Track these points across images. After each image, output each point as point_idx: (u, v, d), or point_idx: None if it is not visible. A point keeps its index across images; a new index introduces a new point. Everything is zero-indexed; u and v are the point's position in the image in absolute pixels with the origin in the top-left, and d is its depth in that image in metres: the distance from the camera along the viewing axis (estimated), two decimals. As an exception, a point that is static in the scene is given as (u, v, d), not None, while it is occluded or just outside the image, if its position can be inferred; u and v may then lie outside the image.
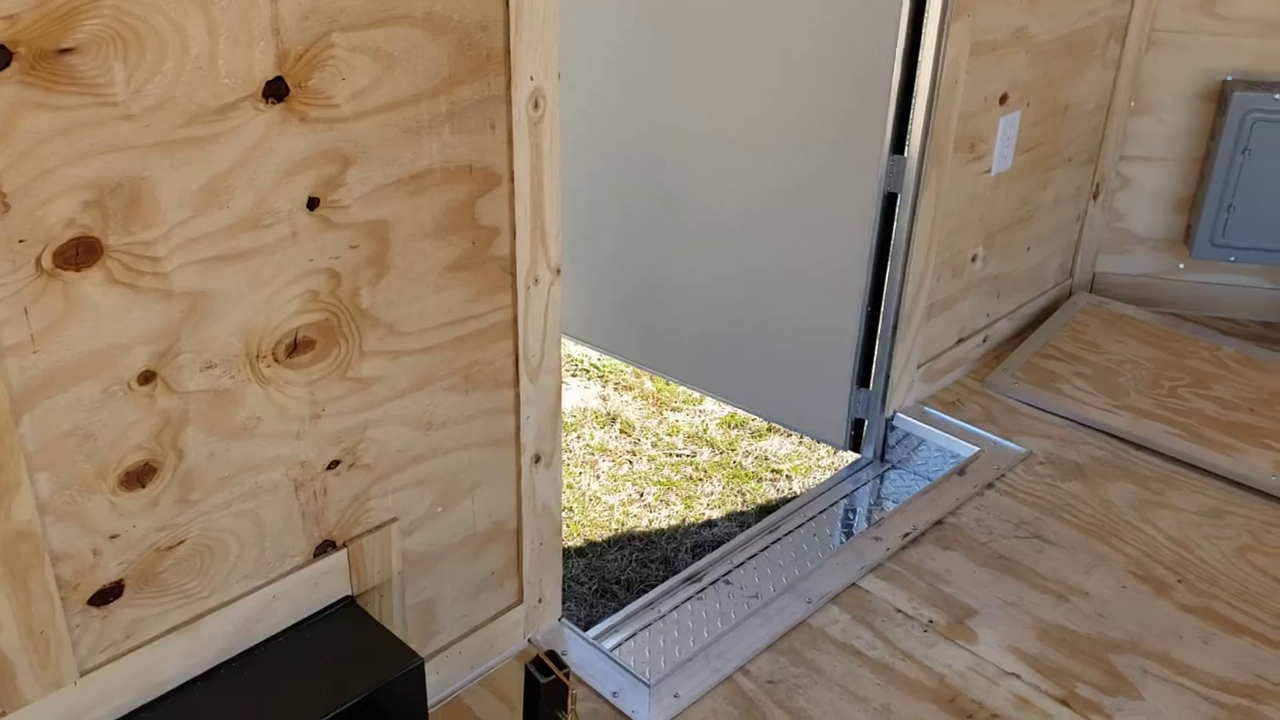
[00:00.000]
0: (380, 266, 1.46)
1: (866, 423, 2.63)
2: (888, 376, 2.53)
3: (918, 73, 2.25)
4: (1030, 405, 2.61)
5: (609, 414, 3.32)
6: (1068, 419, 2.56)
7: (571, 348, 3.52)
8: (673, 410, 3.36)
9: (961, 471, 2.41)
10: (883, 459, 2.65)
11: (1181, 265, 2.97)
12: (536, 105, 1.56)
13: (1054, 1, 2.44)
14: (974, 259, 2.60)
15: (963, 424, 2.56)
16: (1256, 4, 2.68)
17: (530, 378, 1.71)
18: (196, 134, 1.22)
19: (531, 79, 1.53)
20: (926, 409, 2.62)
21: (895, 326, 2.47)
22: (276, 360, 1.39)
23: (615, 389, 3.46)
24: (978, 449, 2.49)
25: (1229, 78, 2.75)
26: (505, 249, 1.61)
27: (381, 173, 1.42)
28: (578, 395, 3.41)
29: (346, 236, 1.41)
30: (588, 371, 3.54)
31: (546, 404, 1.76)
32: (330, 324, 1.43)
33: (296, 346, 1.41)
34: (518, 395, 1.71)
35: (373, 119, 1.38)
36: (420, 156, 1.45)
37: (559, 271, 1.69)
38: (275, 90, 1.27)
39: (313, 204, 1.36)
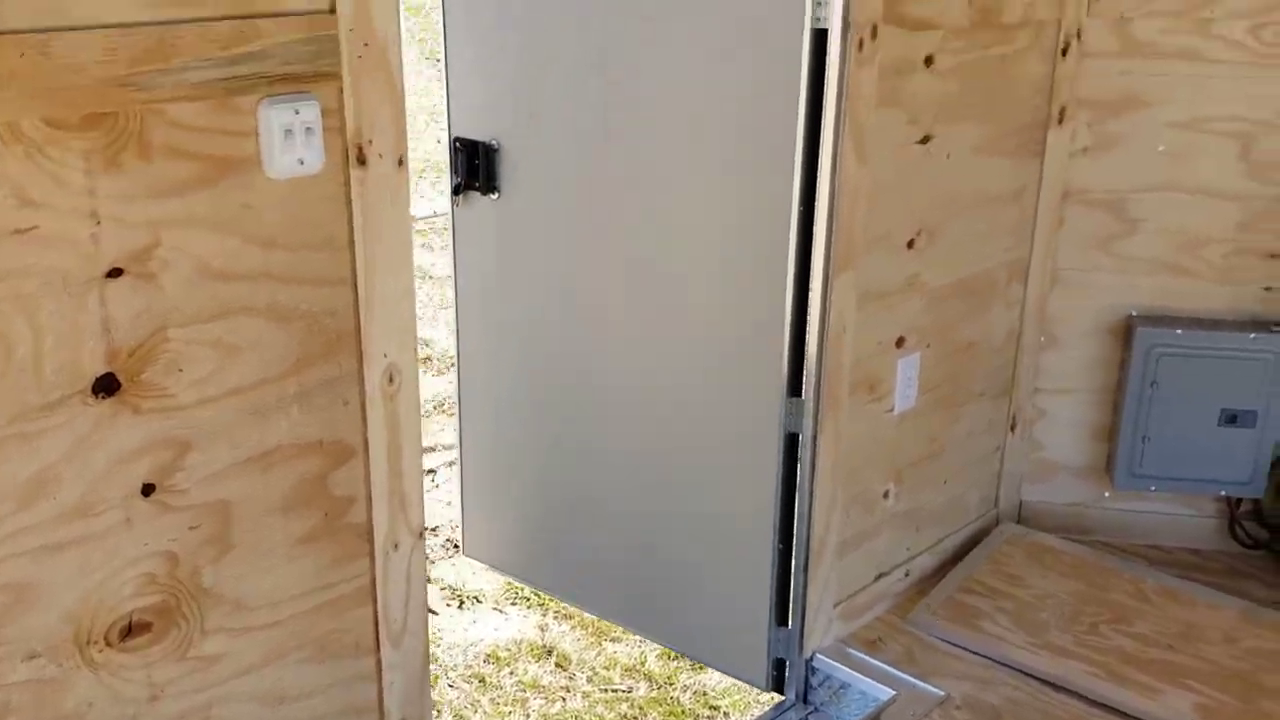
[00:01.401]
0: (223, 545, 1.48)
1: (787, 663, 2.60)
2: (804, 616, 2.51)
3: (808, 322, 2.32)
4: (951, 644, 2.58)
5: (545, 646, 3.28)
6: (988, 658, 2.53)
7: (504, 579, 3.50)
8: (612, 640, 3.31)
9: (877, 718, 2.36)
10: (805, 700, 2.61)
11: (1107, 494, 2.98)
12: (392, 380, 1.61)
13: (947, 250, 2.54)
14: (885, 495, 2.61)
15: (882, 665, 2.53)
16: (1152, 244, 2.78)
17: (393, 643, 1.71)
18: (22, 430, 1.27)
19: (385, 356, 1.59)
20: (848, 649, 2.59)
21: (806, 565, 2.47)
22: (109, 644, 1.40)
23: (555, 618, 3.43)
24: (894, 693, 2.44)
25: (1133, 313, 2.83)
26: (362, 516, 1.64)
27: (225, 455, 1.46)
28: (515, 626, 3.37)
29: (186, 518, 1.44)
30: (528, 599, 3.51)
31: (412, 668, 1.75)
32: (169, 605, 1.44)
33: (131, 629, 1.42)
34: (379, 662, 1.71)
35: (215, 405, 1.43)
36: (267, 437, 1.49)
37: (422, 535, 1.71)
38: (106, 385, 1.32)
39: (148, 490, 1.40)
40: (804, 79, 2.18)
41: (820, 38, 2.17)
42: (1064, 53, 2.63)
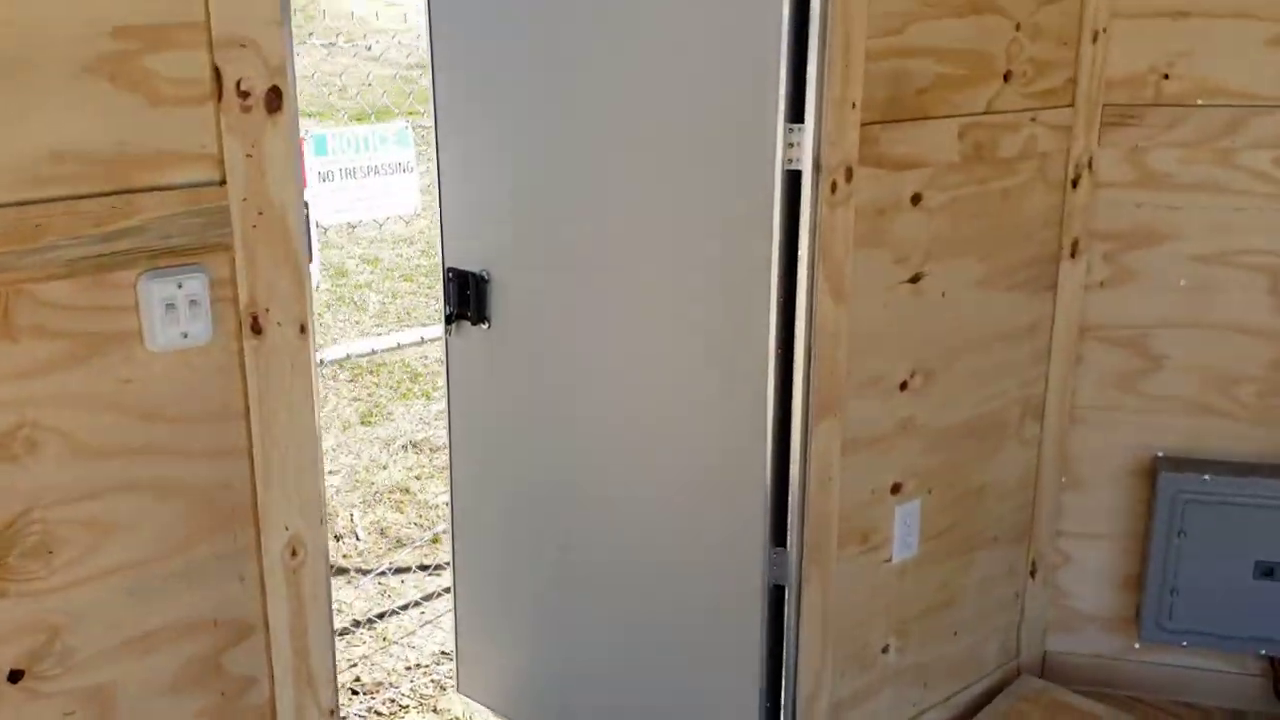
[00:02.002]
0: (101, 731, 1.42)
1: (780, 828, 2.43)
2: (794, 779, 2.36)
3: (790, 469, 2.21)
4: (955, 812, 2.40)
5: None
6: (994, 831, 2.34)
7: None
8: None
9: None
10: None
11: (1137, 645, 2.78)
12: (295, 553, 1.54)
13: (947, 390, 2.41)
14: (885, 650, 2.46)
15: (878, 834, 2.35)
16: (1178, 382, 2.61)
17: (301, 828, 1.62)
18: None
19: (287, 529, 1.53)
20: (844, 813, 2.42)
21: (795, 726, 2.32)
22: (-33, 840, 1.33)
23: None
24: None
25: (1159, 454, 2.65)
26: (264, 696, 1.56)
27: (103, 637, 1.39)
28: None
29: (60, 704, 1.38)
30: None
31: None
32: (36, 796, 1.38)
33: (-7, 823, 1.35)
34: None
35: (90, 586, 1.37)
36: (150, 617, 1.43)
37: (334, 713, 1.63)
38: (-37, 572, 1.27)
39: (16, 676, 1.34)
40: (777, 221, 2.09)
41: (795, 179, 2.09)
42: (1074, 184, 2.51)
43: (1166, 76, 2.46)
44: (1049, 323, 2.59)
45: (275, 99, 1.39)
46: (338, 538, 4.66)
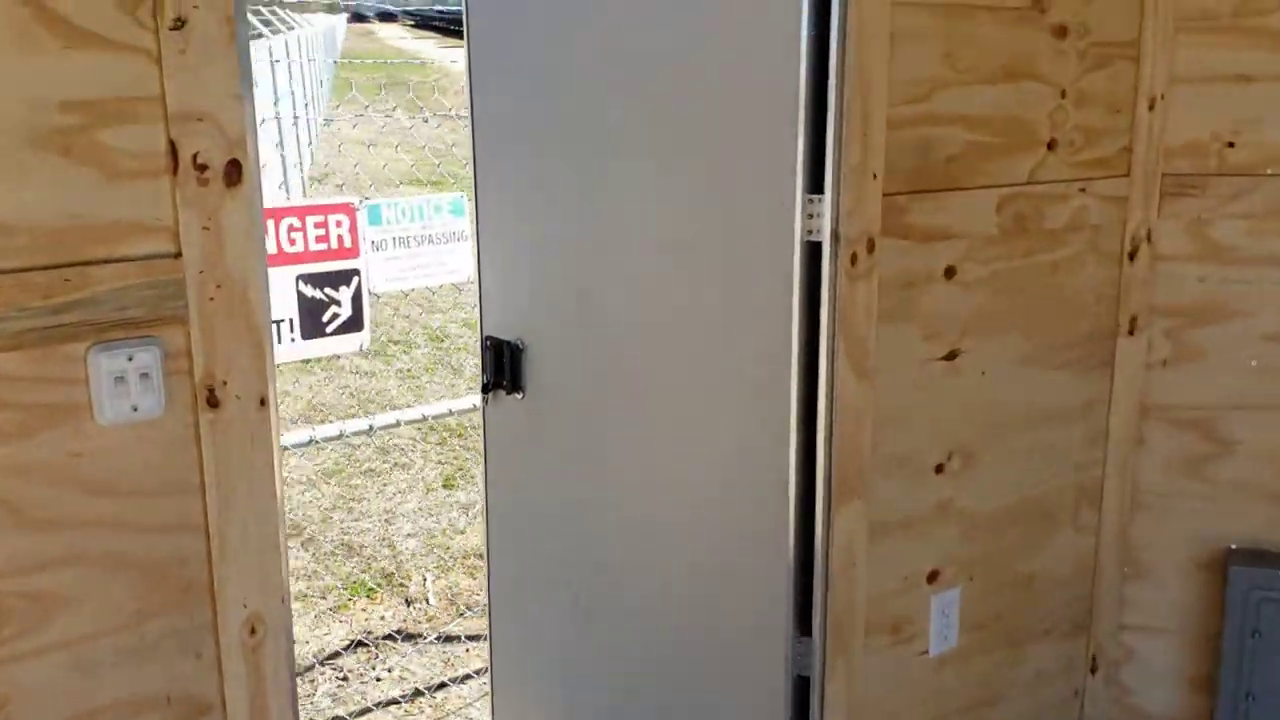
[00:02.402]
0: (45, 808, 1.39)
1: None
2: None
3: (814, 554, 2.11)
4: None
5: None
6: None
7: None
8: None
9: None
10: None
11: (1212, 753, 2.57)
12: (254, 631, 1.51)
13: (990, 473, 2.28)
14: (923, 748, 2.32)
15: None
16: (1251, 469, 2.43)
17: None
18: None
19: (245, 606, 1.50)
20: None
21: (820, 826, 2.19)
22: None
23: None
24: None
25: (1232, 546, 2.46)
26: (222, 777, 1.52)
27: (50, 711, 1.38)
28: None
29: (1, 779, 1.36)
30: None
31: None
32: None
33: None
34: None
35: (34, 660, 1.36)
36: (100, 690, 1.41)
37: (299, 797, 1.58)
38: (-101, 643, 1.27)
39: (-46, 749, 1.33)
40: (796, 294, 2.02)
41: (816, 251, 2.01)
42: (1132, 257, 2.37)
43: (1231, 144, 2.31)
44: (1105, 403, 2.44)
45: (235, 172, 1.39)
46: (409, 602, 4.68)
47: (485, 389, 2.69)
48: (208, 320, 1.40)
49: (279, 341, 2.84)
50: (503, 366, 2.63)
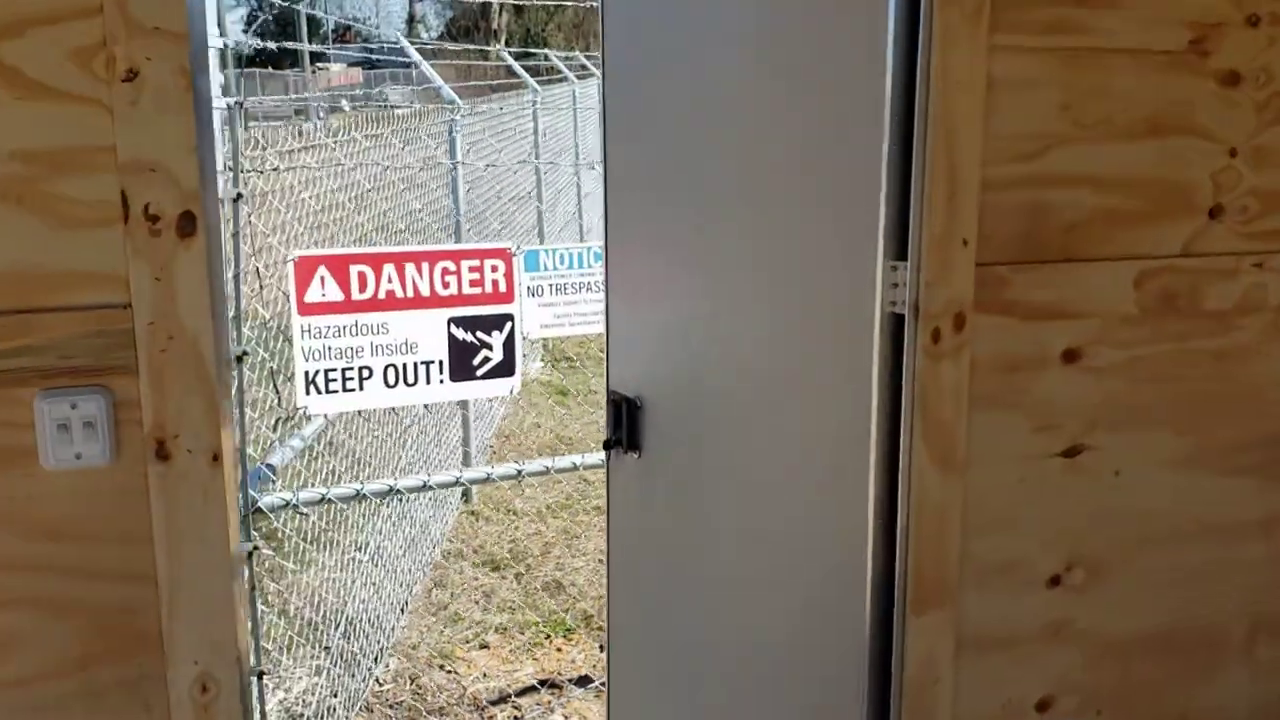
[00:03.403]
0: (-19, 842, 1.41)
1: None
2: None
3: (891, 671, 1.87)
4: None
5: None
6: None
7: None
8: None
9: None
10: None
11: None
12: (206, 689, 1.48)
13: (1126, 591, 1.95)
14: None
15: None
16: None
17: None
18: None
19: (196, 663, 1.47)
20: None
21: None
22: None
23: None
24: None
25: None
26: (170, 834, 1.50)
27: (-9, 747, 1.40)
28: None
29: (-60, 808, 1.39)
30: None
31: None
32: None
33: None
34: None
35: (-25, 696, 1.38)
36: (43, 734, 1.42)
37: None
38: None
39: (-107, 774, 1.36)
40: (875, 372, 1.80)
41: (900, 325, 1.79)
42: (1331, 347, 1.97)
43: None
44: (1294, 519, 2.04)
45: (188, 224, 1.37)
46: (602, 647, 4.64)
47: (606, 446, 2.60)
48: (157, 372, 1.39)
49: (428, 383, 2.87)
50: (621, 423, 2.53)
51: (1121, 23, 1.75)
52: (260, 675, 2.86)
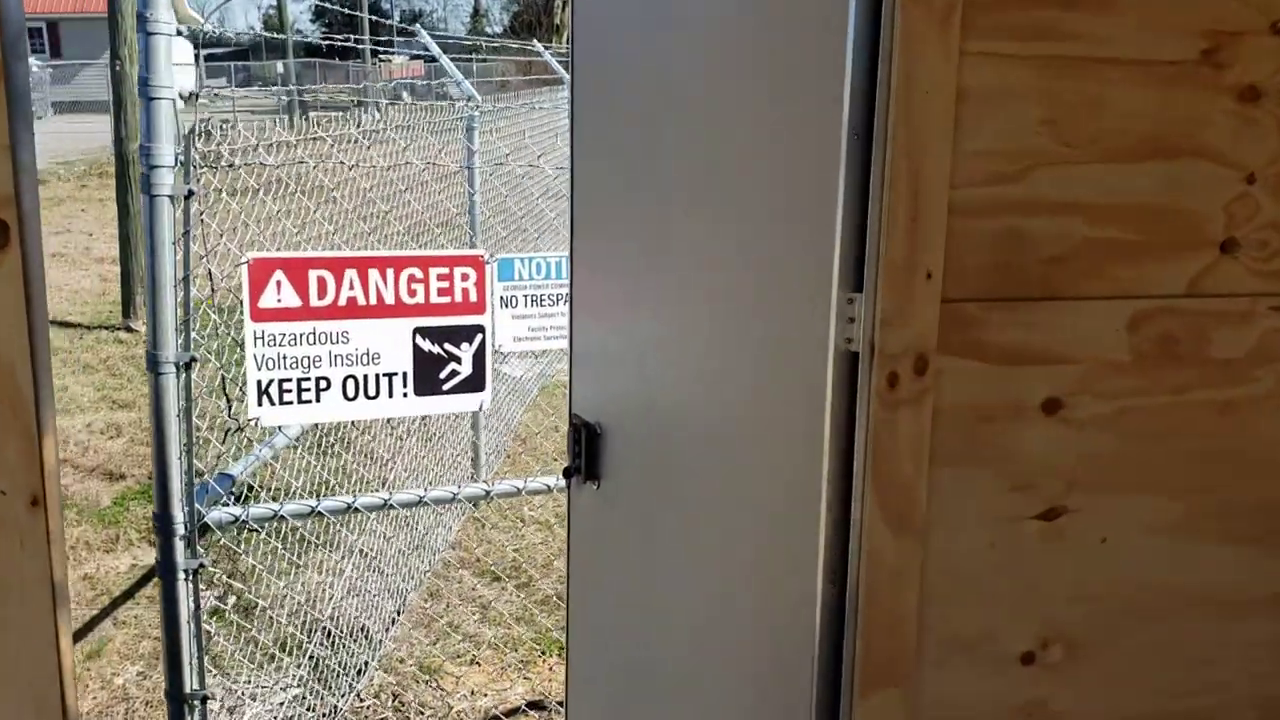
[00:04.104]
0: None
1: None
2: None
3: (836, 744, 1.66)
4: None
5: None
6: None
7: None
8: None
9: None
10: None
11: None
12: (26, 759, 1.30)
13: (1107, 670, 1.72)
14: None
15: None
16: None
17: None
18: None
19: (14, 730, 1.29)
20: None
21: None
22: None
23: None
24: None
25: None
26: None
27: None
28: None
29: None
30: None
31: None
32: None
33: None
34: None
35: None
36: None
37: None
38: None
39: None
40: (828, 417, 1.59)
41: (856, 364, 1.58)
42: (1359, 403, 1.73)
43: None
44: (1309, 596, 1.80)
45: (1, 234, 1.19)
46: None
47: (566, 474, 2.41)
48: (-34, 404, 1.21)
49: (390, 396, 2.69)
50: (580, 450, 2.34)
51: (1119, 29, 1.52)
52: (204, 699, 2.70)
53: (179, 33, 2.54)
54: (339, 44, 9.05)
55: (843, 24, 1.49)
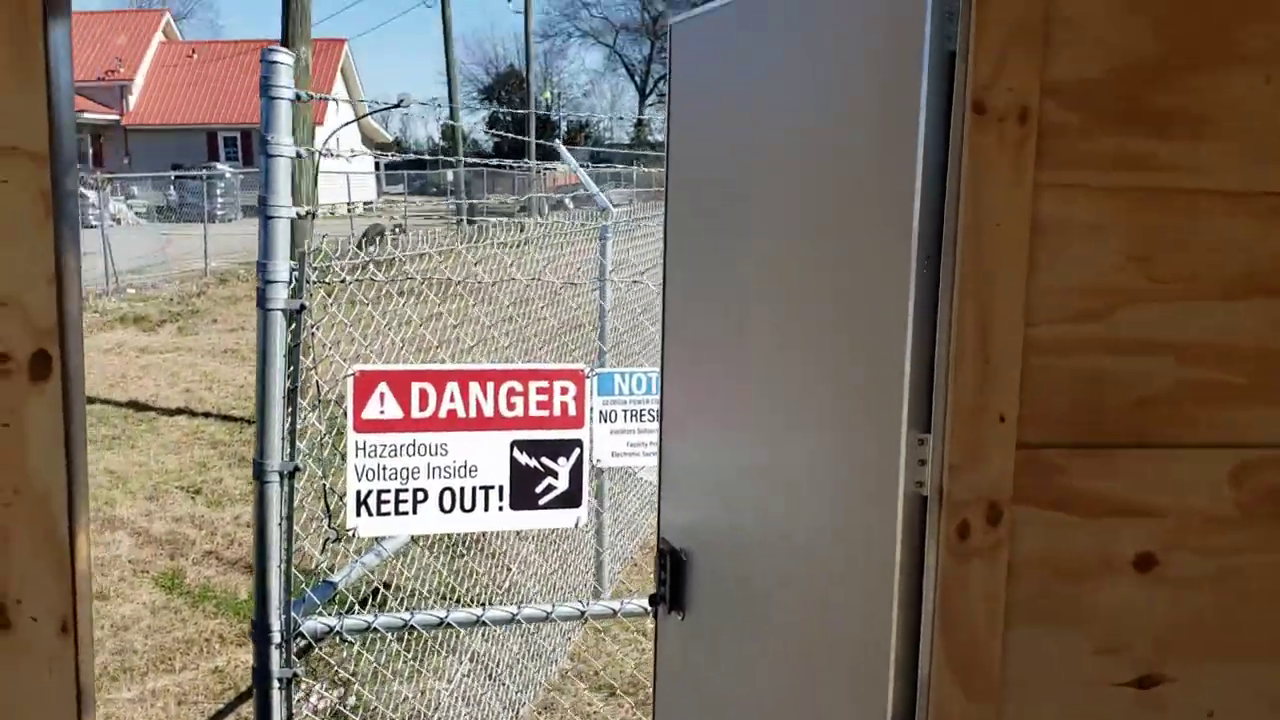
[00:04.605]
0: None
1: None
2: None
3: None
4: None
5: None
6: None
7: None
8: None
9: None
10: None
11: None
12: None
13: None
14: None
15: None
16: None
17: None
18: None
19: None
20: None
21: None
22: None
23: None
24: None
25: None
26: None
27: None
28: None
29: None
30: None
31: None
32: None
33: None
34: None
35: None
36: None
37: None
38: None
39: None
40: (897, 566, 1.49)
41: (925, 509, 1.48)
42: None
43: None
44: None
45: (42, 365, 1.21)
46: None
47: (652, 601, 2.33)
48: (2, 530, 1.23)
49: (485, 509, 2.67)
50: (666, 578, 2.27)
51: (1214, 158, 1.42)
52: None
53: (364, 145, 2.62)
54: (506, 153, 9.36)
55: (913, 152, 1.43)
